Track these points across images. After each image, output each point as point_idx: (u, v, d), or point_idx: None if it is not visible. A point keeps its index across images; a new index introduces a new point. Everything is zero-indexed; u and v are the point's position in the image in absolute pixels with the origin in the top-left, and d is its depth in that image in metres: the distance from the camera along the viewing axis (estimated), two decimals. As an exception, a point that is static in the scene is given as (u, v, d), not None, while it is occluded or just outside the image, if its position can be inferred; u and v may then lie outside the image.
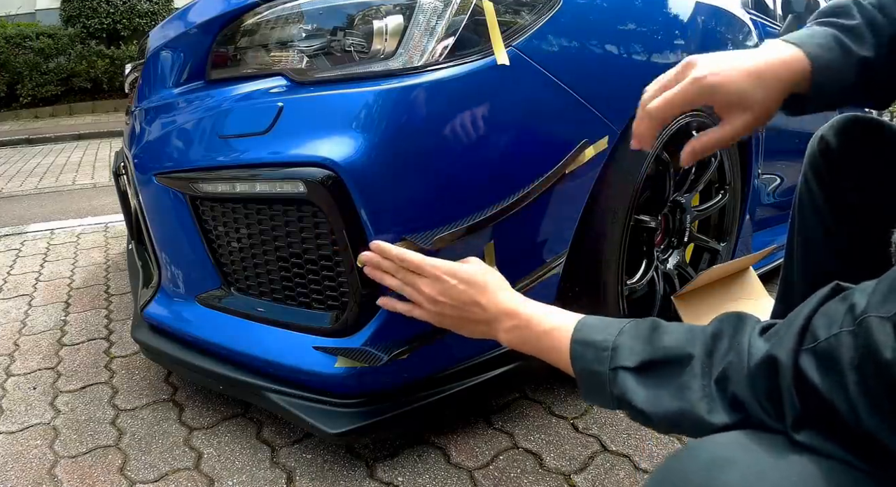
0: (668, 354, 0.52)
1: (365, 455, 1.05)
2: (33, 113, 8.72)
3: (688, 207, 1.31)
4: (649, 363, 0.53)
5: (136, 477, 1.02)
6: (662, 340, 0.53)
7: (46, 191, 3.89)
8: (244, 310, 1.04)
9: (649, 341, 0.54)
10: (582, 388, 0.62)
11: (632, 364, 0.54)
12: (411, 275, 0.76)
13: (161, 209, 1.11)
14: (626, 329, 0.57)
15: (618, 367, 0.55)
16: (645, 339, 0.55)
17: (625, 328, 0.57)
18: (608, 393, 0.57)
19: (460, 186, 0.90)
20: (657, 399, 0.51)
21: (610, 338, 0.57)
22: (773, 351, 0.43)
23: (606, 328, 0.59)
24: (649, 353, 0.53)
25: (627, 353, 0.55)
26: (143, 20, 9.32)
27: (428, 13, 0.88)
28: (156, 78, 1.16)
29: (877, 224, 0.69)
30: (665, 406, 0.50)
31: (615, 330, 0.58)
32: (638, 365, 0.53)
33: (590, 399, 0.62)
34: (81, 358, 1.44)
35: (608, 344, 0.57)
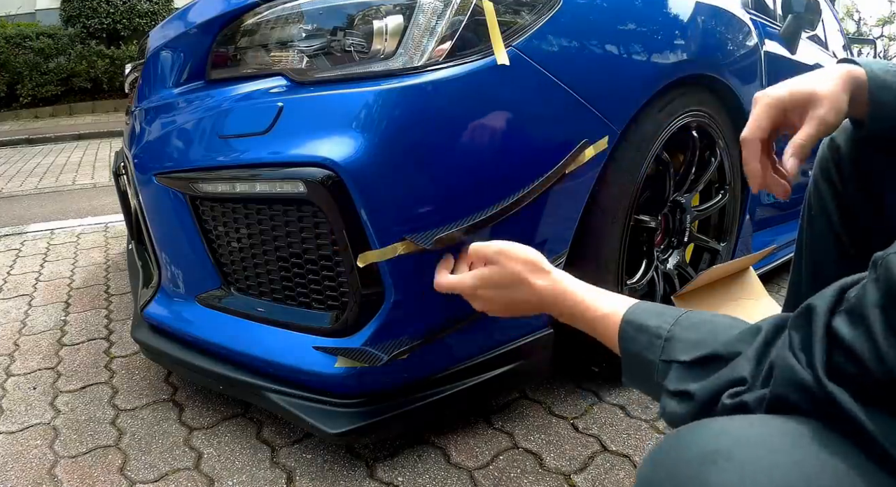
0: (724, 350, 0.50)
1: (365, 455, 1.05)
2: (33, 113, 8.72)
3: (688, 207, 1.31)
4: (704, 358, 0.51)
5: (136, 477, 1.02)
6: (719, 335, 0.52)
7: (46, 191, 3.89)
8: (244, 310, 1.04)
9: (707, 334, 0.53)
10: (625, 370, 0.60)
11: (687, 358, 0.52)
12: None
13: (161, 209, 1.11)
14: (682, 319, 0.56)
15: (672, 360, 0.53)
16: (701, 331, 0.53)
17: (680, 318, 0.56)
18: (653, 383, 0.55)
19: (460, 186, 0.90)
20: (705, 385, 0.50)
21: (665, 327, 0.56)
22: (813, 300, 0.43)
23: (662, 313, 0.58)
24: (706, 348, 0.52)
25: (684, 346, 0.53)
26: (143, 20, 9.32)
27: (428, 13, 0.88)
28: (156, 78, 1.16)
29: (888, 229, 0.69)
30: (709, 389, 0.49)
31: (671, 317, 0.56)
32: (693, 359, 0.52)
33: (630, 382, 0.61)
34: (81, 358, 1.44)
35: (662, 333, 0.55)
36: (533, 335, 1.07)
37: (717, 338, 0.51)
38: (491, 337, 1.03)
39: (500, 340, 1.04)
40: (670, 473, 0.39)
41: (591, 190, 1.03)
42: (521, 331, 1.06)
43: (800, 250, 0.86)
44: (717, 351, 0.50)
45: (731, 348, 0.50)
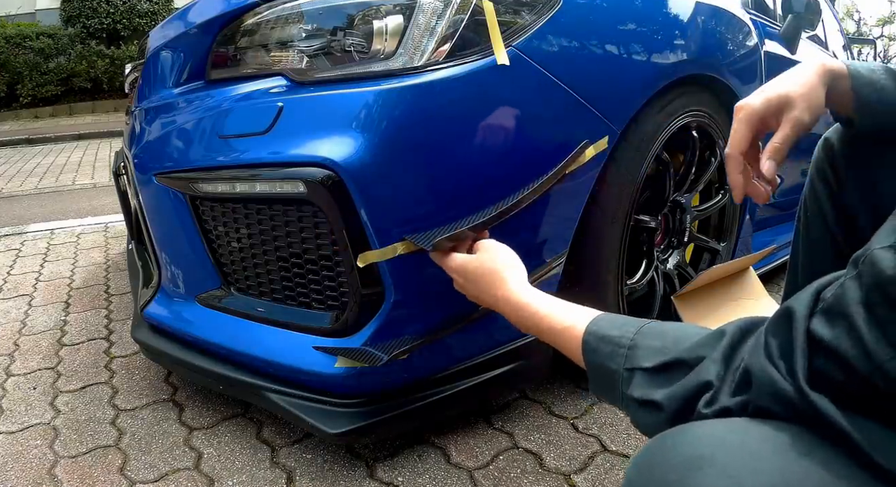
0: (687, 355, 0.51)
1: (365, 455, 1.05)
2: (33, 113, 8.72)
3: (688, 207, 1.31)
4: (667, 365, 0.52)
5: (136, 477, 1.02)
6: (682, 342, 0.52)
7: (46, 191, 3.89)
8: (244, 310, 1.04)
9: (670, 342, 0.53)
10: (591, 381, 0.61)
11: (650, 364, 0.53)
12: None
13: (161, 209, 1.11)
14: (644, 329, 0.56)
15: (635, 368, 0.54)
16: (665, 339, 0.54)
17: (643, 328, 0.57)
18: (618, 392, 0.55)
19: (460, 186, 0.90)
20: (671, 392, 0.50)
21: (628, 335, 0.56)
22: (791, 303, 0.42)
23: (623, 325, 0.58)
24: (669, 354, 0.52)
25: (646, 353, 0.54)
26: (143, 20, 9.31)
27: (428, 13, 0.88)
28: (156, 78, 1.16)
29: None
30: (677, 397, 0.49)
31: (633, 328, 0.57)
32: (656, 365, 0.52)
33: (596, 392, 0.61)
34: (81, 358, 1.44)
35: (625, 342, 0.56)
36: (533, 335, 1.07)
37: (679, 345, 0.52)
38: (491, 337, 1.03)
39: (500, 340, 1.04)
40: (656, 478, 0.39)
41: (591, 190, 1.03)
42: (521, 331, 1.06)
43: (796, 251, 0.86)
44: (681, 356, 0.50)
45: (694, 353, 0.50)
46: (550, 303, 0.68)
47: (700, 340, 0.50)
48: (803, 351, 0.40)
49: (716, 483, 0.36)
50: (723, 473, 0.36)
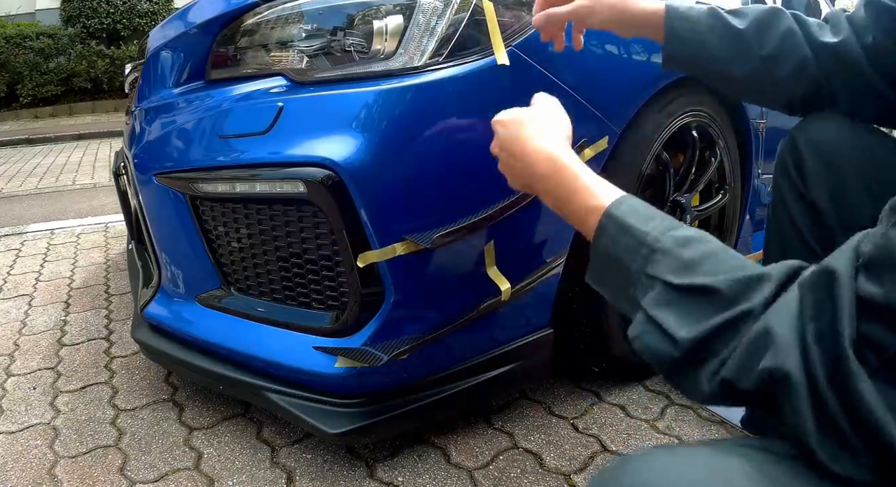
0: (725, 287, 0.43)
1: (365, 455, 1.05)
2: (33, 113, 8.72)
3: (688, 207, 1.31)
4: (696, 288, 0.44)
5: (136, 477, 1.02)
6: (721, 266, 0.44)
7: (46, 191, 3.89)
8: (244, 310, 1.04)
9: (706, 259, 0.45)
10: (593, 270, 0.54)
11: (677, 281, 0.45)
12: None
13: (161, 209, 1.11)
14: (677, 233, 0.48)
15: (657, 277, 0.46)
16: (700, 252, 0.46)
17: (677, 231, 0.48)
18: (629, 296, 0.48)
19: (460, 186, 0.90)
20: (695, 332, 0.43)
21: (655, 234, 0.48)
22: (829, 262, 0.37)
23: (652, 218, 0.50)
24: (702, 277, 0.44)
25: (676, 264, 0.46)
26: (143, 20, 9.31)
27: (428, 13, 0.88)
28: (156, 78, 1.16)
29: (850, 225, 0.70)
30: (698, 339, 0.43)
31: (662, 226, 0.48)
32: (684, 285, 0.44)
33: (595, 283, 0.54)
34: (81, 358, 1.44)
35: (651, 241, 0.48)
36: (533, 335, 1.07)
37: (717, 268, 0.44)
38: (491, 337, 1.03)
39: (500, 340, 1.04)
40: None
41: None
42: (521, 331, 1.06)
43: (767, 256, 0.85)
44: (717, 285, 0.43)
45: (733, 288, 0.43)
46: (586, 173, 0.59)
47: (742, 276, 0.43)
48: (850, 315, 0.35)
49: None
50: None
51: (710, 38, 0.74)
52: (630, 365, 1.23)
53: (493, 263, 0.96)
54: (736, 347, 0.41)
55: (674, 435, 1.10)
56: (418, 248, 0.87)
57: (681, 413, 1.17)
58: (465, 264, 0.94)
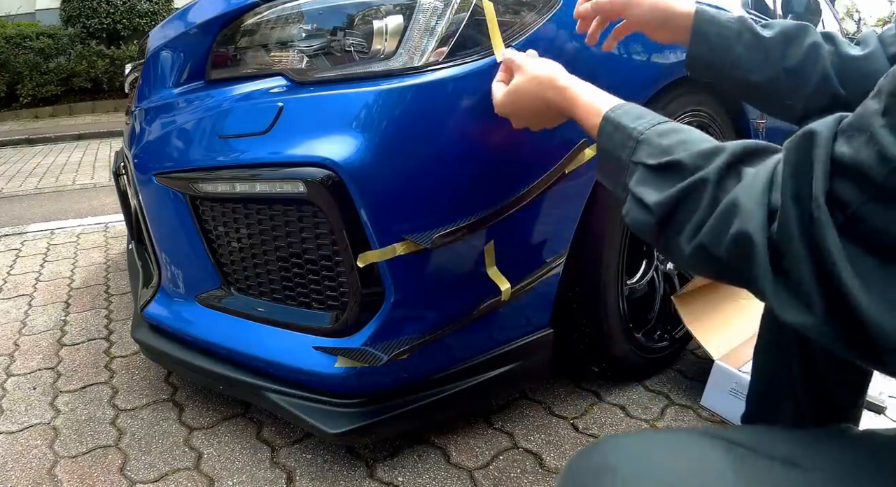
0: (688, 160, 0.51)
1: (365, 455, 1.05)
2: (33, 113, 8.72)
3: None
4: (667, 165, 0.52)
5: (136, 477, 1.02)
6: (689, 146, 0.52)
7: (46, 191, 3.89)
8: (244, 310, 1.04)
9: (677, 142, 0.53)
10: (598, 166, 0.63)
11: (653, 162, 0.53)
12: None
13: (161, 209, 1.11)
14: (659, 127, 0.57)
15: (639, 162, 0.55)
16: (673, 139, 0.54)
17: (658, 125, 0.57)
18: (622, 182, 0.57)
19: (460, 186, 0.90)
20: (661, 199, 0.51)
21: (640, 128, 0.57)
22: (813, 125, 0.42)
23: (640, 117, 0.59)
24: (671, 155, 0.52)
25: (653, 150, 0.54)
26: (143, 20, 9.31)
27: (428, 13, 0.88)
28: (156, 78, 1.16)
29: None
30: (665, 204, 0.50)
31: (648, 123, 0.57)
32: (658, 164, 0.53)
33: (601, 177, 0.63)
34: (81, 358, 1.44)
35: (636, 135, 0.56)
36: (533, 335, 1.07)
37: (686, 148, 0.52)
38: (491, 337, 1.03)
39: (500, 340, 1.04)
40: (575, 478, 0.45)
41: (591, 190, 1.03)
42: (521, 331, 1.06)
43: None
44: (681, 159, 0.51)
45: (694, 160, 0.50)
46: (586, 89, 0.69)
47: (704, 149, 0.50)
48: (825, 172, 0.39)
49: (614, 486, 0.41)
50: (623, 482, 0.41)
51: (736, 44, 0.74)
52: (630, 364, 1.23)
53: (493, 263, 0.96)
54: (702, 211, 0.47)
55: (674, 435, 1.10)
56: (418, 248, 0.87)
57: (681, 413, 1.17)
58: (465, 264, 0.94)
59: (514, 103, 0.77)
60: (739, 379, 1.12)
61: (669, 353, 1.32)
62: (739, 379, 1.12)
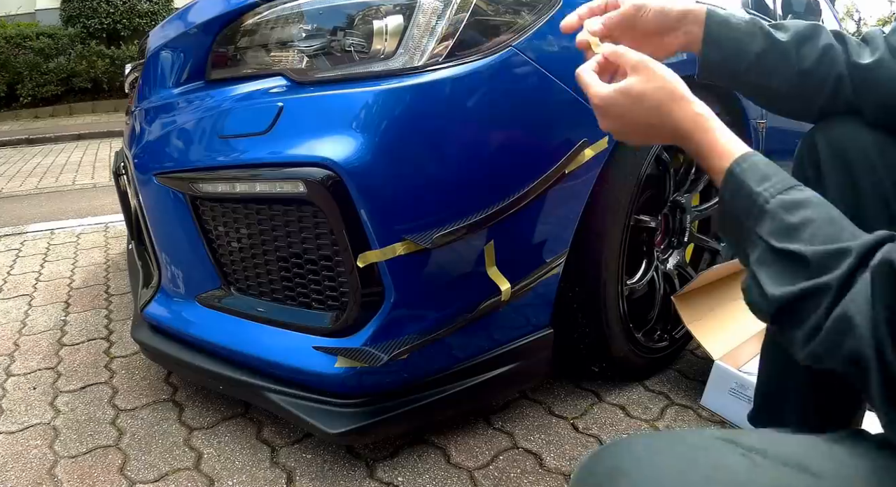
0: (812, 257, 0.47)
1: (365, 455, 1.05)
2: (33, 113, 8.72)
3: (688, 207, 1.31)
4: (791, 254, 0.49)
5: (136, 477, 1.02)
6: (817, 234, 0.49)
7: (46, 191, 3.89)
8: (244, 310, 1.04)
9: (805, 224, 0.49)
10: (720, 219, 0.59)
11: (777, 244, 0.50)
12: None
13: (161, 209, 1.11)
14: (786, 196, 0.52)
15: (763, 238, 0.51)
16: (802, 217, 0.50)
17: (785, 192, 0.52)
18: (743, 250, 0.54)
19: (460, 186, 0.90)
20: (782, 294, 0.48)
21: (766, 196, 0.52)
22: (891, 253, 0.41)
23: (767, 178, 0.54)
24: (797, 243, 0.49)
25: (778, 227, 0.50)
26: (143, 20, 9.31)
27: (428, 13, 0.88)
28: (156, 78, 1.16)
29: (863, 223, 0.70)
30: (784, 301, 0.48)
31: (774, 189, 0.52)
32: (782, 250, 0.49)
33: (721, 232, 0.60)
34: (81, 358, 1.44)
35: (761, 202, 0.52)
36: (533, 335, 1.07)
37: (814, 235, 0.48)
38: (491, 337, 1.03)
39: (500, 340, 1.04)
40: (585, 482, 0.45)
41: (591, 190, 1.03)
42: (521, 331, 1.06)
43: None
44: (807, 255, 0.47)
45: (820, 260, 0.47)
46: (723, 131, 0.62)
47: (830, 249, 0.47)
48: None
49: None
50: (631, 484, 0.41)
51: (749, 47, 0.72)
52: (630, 364, 1.23)
53: (493, 263, 0.96)
54: (819, 317, 0.46)
55: (674, 435, 1.10)
56: (418, 248, 0.87)
57: (681, 413, 1.17)
58: (465, 264, 0.94)
59: (629, 106, 0.65)
60: (739, 379, 1.12)
61: (669, 353, 1.32)
62: (739, 379, 1.12)
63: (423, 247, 0.87)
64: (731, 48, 0.72)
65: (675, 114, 0.63)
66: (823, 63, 0.71)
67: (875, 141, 0.71)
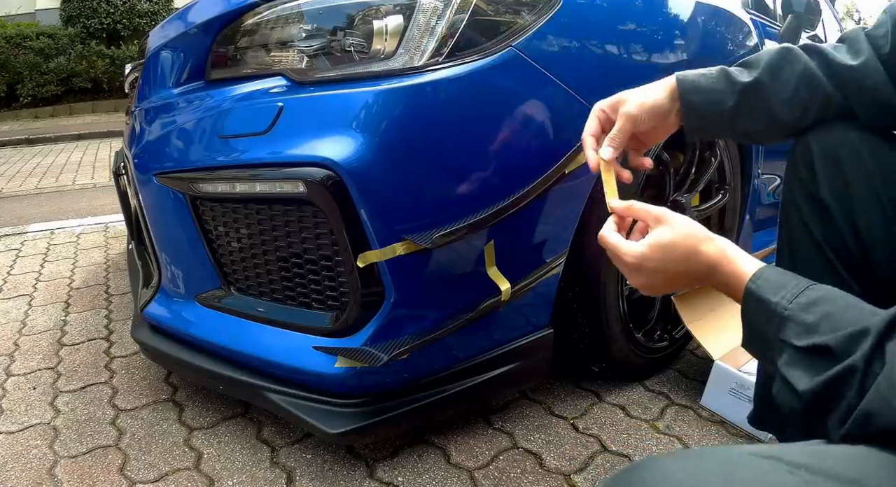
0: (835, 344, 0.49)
1: (365, 455, 1.05)
2: (33, 113, 8.72)
3: (688, 207, 1.31)
4: (815, 348, 0.50)
5: (136, 477, 1.02)
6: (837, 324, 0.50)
7: (46, 191, 3.89)
8: (244, 310, 1.04)
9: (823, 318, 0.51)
10: (745, 339, 0.60)
11: (800, 343, 0.51)
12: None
13: (161, 209, 1.11)
14: (803, 298, 0.54)
15: (786, 342, 0.53)
16: (819, 314, 0.52)
17: (801, 294, 0.54)
18: (771, 360, 0.55)
19: (460, 186, 0.90)
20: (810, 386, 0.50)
21: (783, 303, 0.54)
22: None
23: (783, 287, 0.55)
24: (818, 336, 0.50)
25: (798, 329, 0.52)
26: (143, 20, 9.31)
27: (428, 13, 0.88)
28: (156, 78, 1.16)
29: (862, 228, 0.70)
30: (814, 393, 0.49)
31: (790, 294, 0.54)
32: (805, 347, 0.51)
33: (749, 350, 0.61)
34: (81, 358, 1.44)
35: (780, 310, 0.54)
36: (533, 335, 1.07)
37: (832, 325, 0.50)
38: (491, 337, 1.03)
39: (500, 340, 1.04)
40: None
41: (591, 190, 1.03)
42: (521, 331, 1.06)
43: (779, 254, 0.85)
44: (829, 343, 0.49)
45: (842, 344, 0.48)
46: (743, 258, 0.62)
47: (850, 332, 0.48)
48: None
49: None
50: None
51: (724, 102, 0.73)
52: (630, 364, 1.23)
53: (493, 263, 0.96)
54: (851, 399, 0.47)
55: (674, 435, 1.10)
56: (418, 248, 0.87)
57: (681, 413, 1.17)
58: (465, 264, 0.94)
59: (662, 257, 0.65)
60: (739, 379, 1.12)
61: (669, 353, 1.32)
62: (739, 379, 1.12)
63: (423, 247, 0.87)
64: (708, 109, 0.74)
65: (704, 255, 0.64)
66: (801, 88, 0.71)
67: (865, 139, 0.71)
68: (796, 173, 0.78)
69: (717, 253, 0.63)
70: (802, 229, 0.78)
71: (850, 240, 0.71)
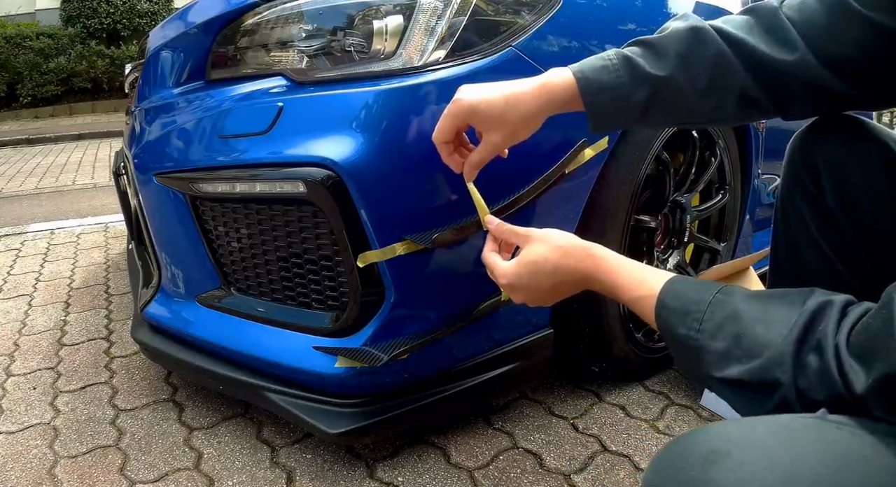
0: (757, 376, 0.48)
1: (365, 455, 1.05)
2: (33, 113, 8.72)
3: (688, 207, 1.31)
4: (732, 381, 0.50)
5: (136, 477, 1.02)
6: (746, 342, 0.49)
7: (46, 191, 3.89)
8: (244, 310, 1.04)
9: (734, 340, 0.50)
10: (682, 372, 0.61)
11: (719, 375, 0.51)
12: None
13: (161, 209, 1.11)
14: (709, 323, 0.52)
15: (708, 375, 0.52)
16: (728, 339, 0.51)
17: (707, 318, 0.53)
18: (707, 387, 0.56)
19: (460, 186, 0.90)
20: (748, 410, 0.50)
21: (692, 335, 0.53)
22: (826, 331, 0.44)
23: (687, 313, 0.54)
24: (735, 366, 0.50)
25: (713, 359, 0.51)
26: (143, 20, 9.32)
27: (428, 13, 0.88)
28: (156, 78, 1.16)
29: (861, 227, 0.69)
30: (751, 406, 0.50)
31: (696, 321, 0.53)
32: (724, 379, 0.50)
33: (690, 379, 0.62)
34: (81, 358, 1.44)
35: (693, 343, 0.53)
36: (533, 335, 1.07)
37: (746, 350, 0.49)
38: (491, 337, 1.03)
39: (500, 340, 1.04)
40: (674, 477, 0.40)
41: (591, 190, 1.03)
42: (521, 331, 1.06)
43: (776, 253, 0.81)
44: (744, 378, 0.49)
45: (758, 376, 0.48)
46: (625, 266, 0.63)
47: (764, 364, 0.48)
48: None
49: (732, 476, 0.37)
50: (739, 467, 0.38)
51: (634, 96, 0.66)
52: (630, 364, 1.23)
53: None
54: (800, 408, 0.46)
55: (674, 435, 1.10)
56: (418, 248, 0.87)
57: (681, 412, 1.17)
58: (465, 264, 0.94)
59: (531, 275, 0.67)
60: (739, 379, 1.12)
61: (669, 353, 1.32)
62: (739, 379, 1.12)
63: (423, 247, 0.87)
64: (617, 106, 0.68)
65: (573, 266, 0.65)
66: (717, 77, 0.65)
67: (867, 142, 0.71)
68: (797, 179, 0.76)
69: (588, 262, 0.65)
70: (805, 235, 0.77)
71: (854, 243, 0.70)
